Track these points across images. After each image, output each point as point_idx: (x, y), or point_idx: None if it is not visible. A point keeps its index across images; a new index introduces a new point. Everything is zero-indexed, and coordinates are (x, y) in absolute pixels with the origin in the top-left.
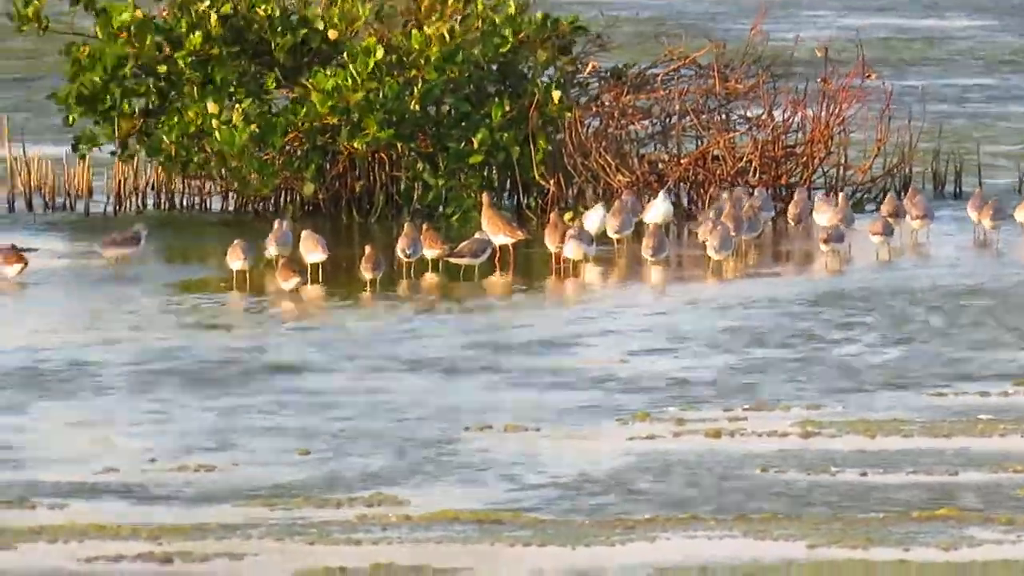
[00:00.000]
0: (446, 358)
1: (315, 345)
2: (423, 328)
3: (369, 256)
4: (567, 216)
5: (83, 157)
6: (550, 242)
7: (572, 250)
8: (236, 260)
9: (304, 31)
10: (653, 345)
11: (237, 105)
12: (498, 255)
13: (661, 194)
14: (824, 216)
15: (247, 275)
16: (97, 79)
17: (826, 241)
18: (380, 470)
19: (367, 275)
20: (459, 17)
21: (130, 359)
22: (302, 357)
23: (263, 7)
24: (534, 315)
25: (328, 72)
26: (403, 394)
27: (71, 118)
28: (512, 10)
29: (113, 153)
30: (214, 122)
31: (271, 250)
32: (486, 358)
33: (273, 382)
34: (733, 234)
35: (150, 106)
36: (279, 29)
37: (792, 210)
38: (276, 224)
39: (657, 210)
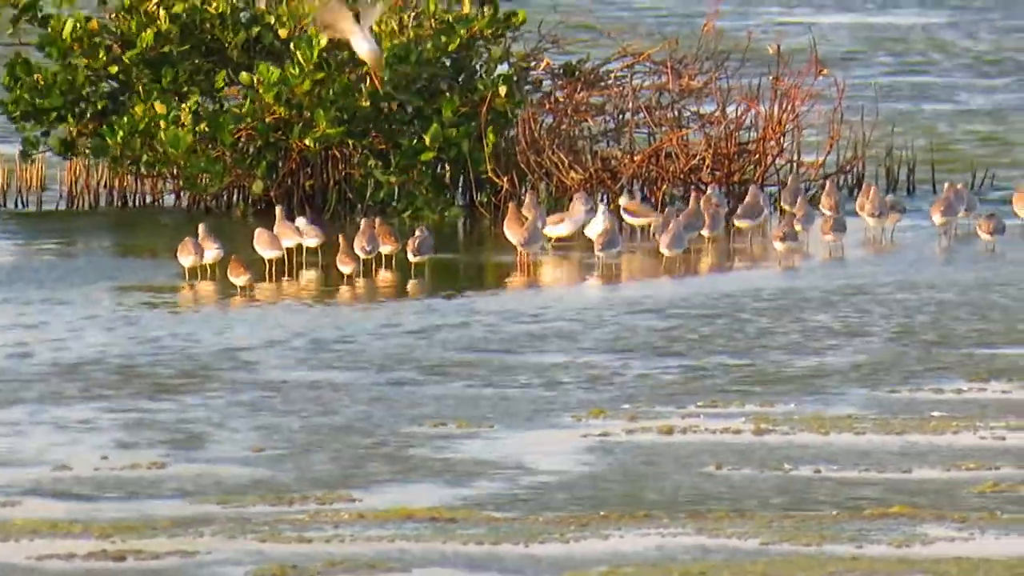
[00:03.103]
0: (401, 355)
1: (268, 342)
2: (378, 325)
3: (345, 249)
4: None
5: (33, 160)
6: (512, 235)
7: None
8: (187, 256)
9: (256, 28)
10: (606, 343)
11: (184, 104)
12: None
13: (599, 212)
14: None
15: (198, 271)
16: (54, 103)
17: (781, 239)
18: (333, 468)
19: (346, 268)
20: (411, 13)
21: (80, 357)
22: (255, 354)
23: (214, 4)
24: (489, 312)
25: (275, 66)
26: (357, 391)
27: (21, 126)
28: (466, 9)
29: (61, 155)
30: (161, 122)
31: (209, 254)
32: (440, 355)
33: (226, 379)
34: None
35: (101, 109)
36: (230, 26)
37: (743, 206)
38: (200, 229)
39: (595, 226)
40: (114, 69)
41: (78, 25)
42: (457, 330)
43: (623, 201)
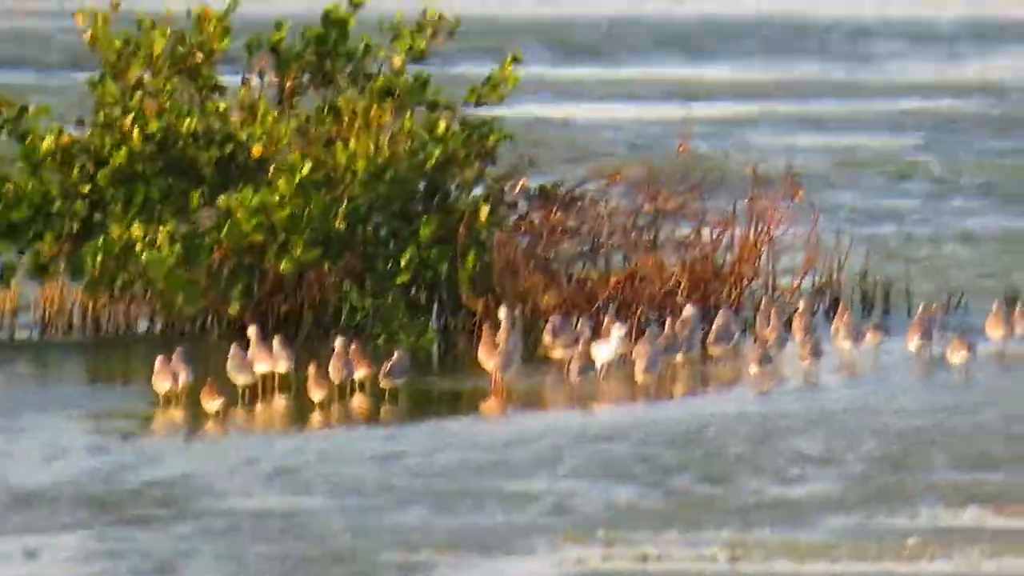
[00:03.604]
0: (375, 482)
1: (240, 469)
2: (351, 452)
3: (316, 376)
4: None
5: (8, 284)
6: (486, 360)
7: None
8: (162, 382)
9: (229, 146)
10: (581, 468)
11: (161, 227)
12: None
13: (614, 333)
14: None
15: (172, 397)
16: (22, 215)
17: (756, 363)
18: None
19: (317, 395)
20: (387, 133)
21: (50, 486)
22: (227, 481)
23: (187, 122)
24: (464, 437)
25: (253, 189)
26: (330, 517)
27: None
28: (441, 129)
29: (35, 278)
30: (138, 245)
31: (160, 386)
32: (415, 482)
33: (198, 507)
34: (661, 354)
35: (74, 230)
36: (204, 145)
37: (714, 330)
38: (172, 355)
39: (608, 349)
40: (86, 188)
41: (52, 139)
42: (431, 456)
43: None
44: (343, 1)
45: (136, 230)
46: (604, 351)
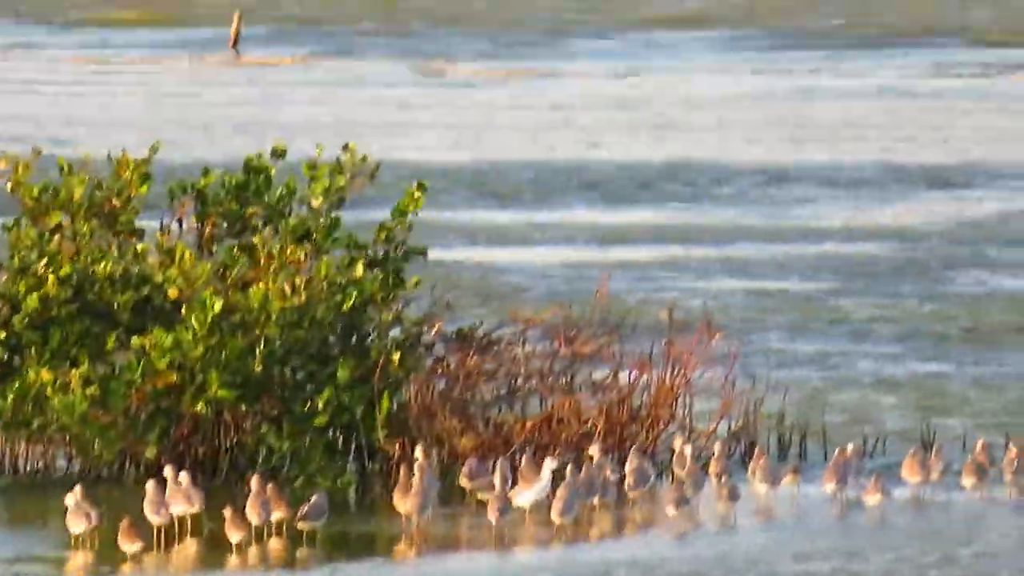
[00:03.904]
0: None
1: None
2: None
3: (232, 518)
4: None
5: None
6: (401, 504)
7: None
8: (77, 523)
9: (146, 289)
10: None
11: (74, 370)
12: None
13: (545, 472)
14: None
15: (88, 539)
16: None
17: (674, 505)
18: None
19: (234, 537)
20: (303, 277)
21: None
22: None
23: (103, 265)
24: None
25: (167, 330)
26: None
27: None
28: (359, 272)
29: None
30: (48, 389)
31: (75, 527)
32: None
33: None
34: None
35: None
36: (120, 287)
37: (630, 473)
38: (76, 495)
39: (534, 493)
40: (1, 334)
41: None
42: None
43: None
44: (266, 151)
45: (45, 375)
46: (534, 492)
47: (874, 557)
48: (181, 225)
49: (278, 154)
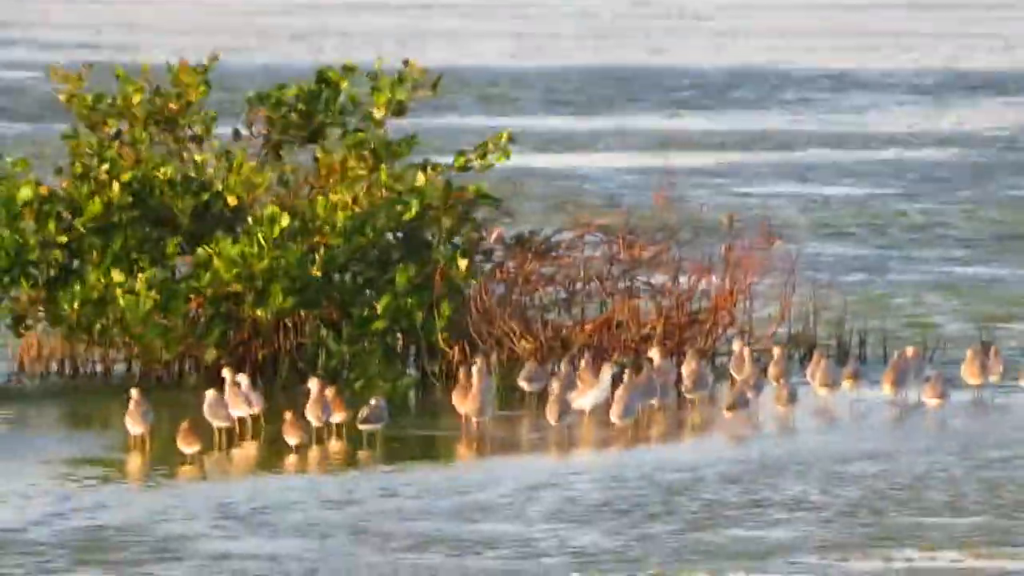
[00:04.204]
0: (351, 524)
1: (217, 511)
2: (329, 493)
3: (292, 421)
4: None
5: None
6: (460, 404)
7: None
8: (135, 424)
9: (206, 196)
10: (557, 512)
11: (140, 274)
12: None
13: (604, 377)
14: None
15: (146, 440)
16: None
17: (731, 408)
18: None
19: (293, 439)
20: (364, 184)
21: (24, 530)
22: (203, 524)
23: (163, 171)
24: (439, 483)
25: (231, 239)
26: (308, 561)
27: None
28: (420, 181)
29: (14, 331)
30: (117, 290)
31: (134, 428)
32: (390, 527)
33: (174, 549)
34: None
35: (51, 277)
36: (180, 193)
37: (689, 376)
38: (133, 397)
39: (594, 396)
40: (64, 238)
41: (30, 190)
42: (407, 500)
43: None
44: (325, 59)
45: (116, 276)
46: (594, 396)
47: (932, 458)
48: (251, 132)
49: (348, 68)
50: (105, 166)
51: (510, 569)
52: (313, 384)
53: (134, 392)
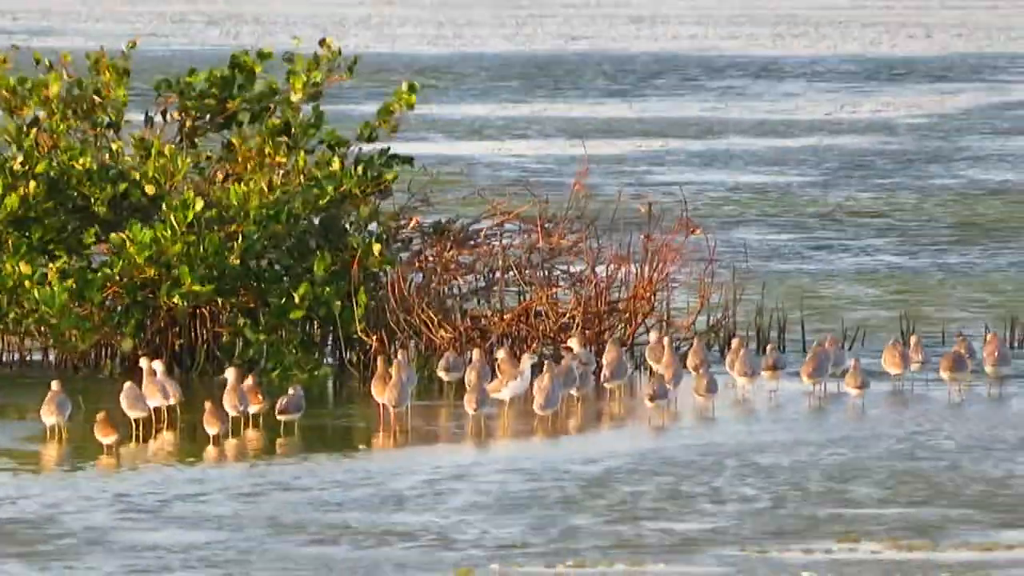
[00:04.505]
0: (268, 514)
1: (136, 500)
2: (247, 484)
3: (211, 410)
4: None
5: None
6: (378, 394)
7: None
8: (50, 415)
9: (123, 185)
10: (476, 502)
11: (52, 264)
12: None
13: (525, 366)
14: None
15: (62, 430)
16: None
17: (651, 398)
18: None
19: (212, 429)
20: (280, 171)
21: None
22: (124, 513)
23: (81, 161)
24: (356, 472)
25: (145, 226)
26: (226, 551)
27: None
28: (336, 167)
29: None
30: (27, 282)
31: (48, 419)
32: (306, 517)
33: (95, 536)
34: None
35: None
36: (97, 183)
37: (607, 365)
38: (52, 388)
39: (514, 387)
40: None
41: None
42: (325, 490)
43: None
44: (243, 44)
45: (25, 267)
46: (514, 386)
47: (853, 449)
48: (165, 119)
49: (263, 56)
50: (20, 157)
51: (428, 560)
52: (230, 374)
53: (54, 384)
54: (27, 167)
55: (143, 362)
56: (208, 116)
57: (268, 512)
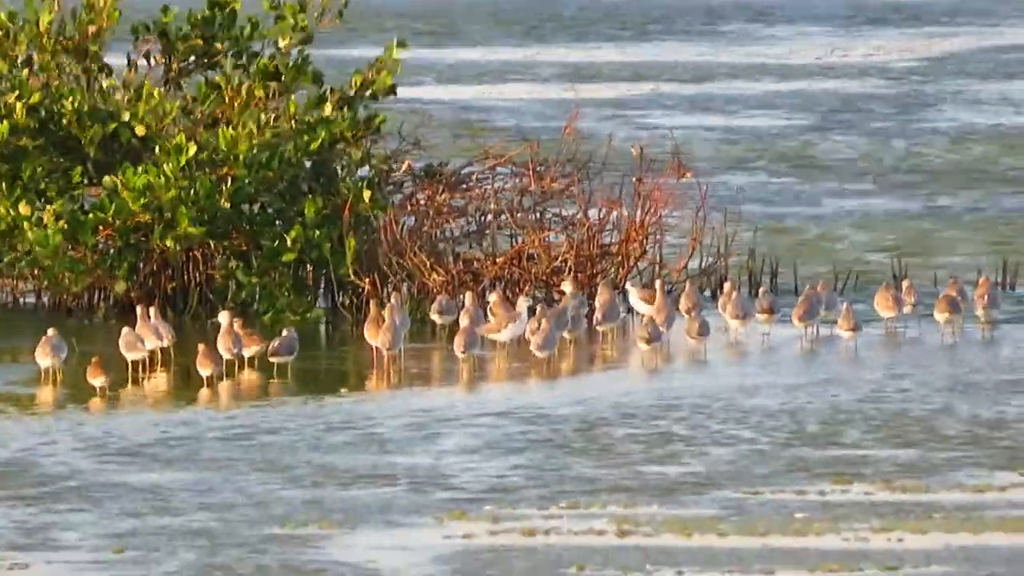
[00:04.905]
0: (261, 455)
1: (129, 442)
2: (241, 425)
3: (205, 352)
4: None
5: None
6: (371, 336)
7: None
8: (44, 357)
9: (113, 125)
10: (469, 443)
11: (48, 206)
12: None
13: (521, 309)
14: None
15: (56, 372)
16: None
17: (647, 341)
18: (197, 569)
19: (205, 371)
20: (272, 115)
21: None
22: (118, 454)
23: (71, 100)
24: (349, 414)
25: (139, 169)
26: (220, 492)
27: None
28: (327, 111)
29: None
30: (25, 223)
31: (44, 362)
32: (300, 458)
33: (88, 479)
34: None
35: None
36: (88, 123)
37: (600, 308)
38: (47, 333)
39: (513, 329)
40: None
41: None
42: (318, 432)
43: (491, 298)
44: None
45: (24, 209)
46: (513, 329)
47: (844, 391)
48: (149, 60)
49: None
50: (14, 93)
51: (419, 502)
52: (223, 316)
53: (50, 330)
54: (21, 99)
55: (138, 308)
56: (193, 58)
57: (259, 454)
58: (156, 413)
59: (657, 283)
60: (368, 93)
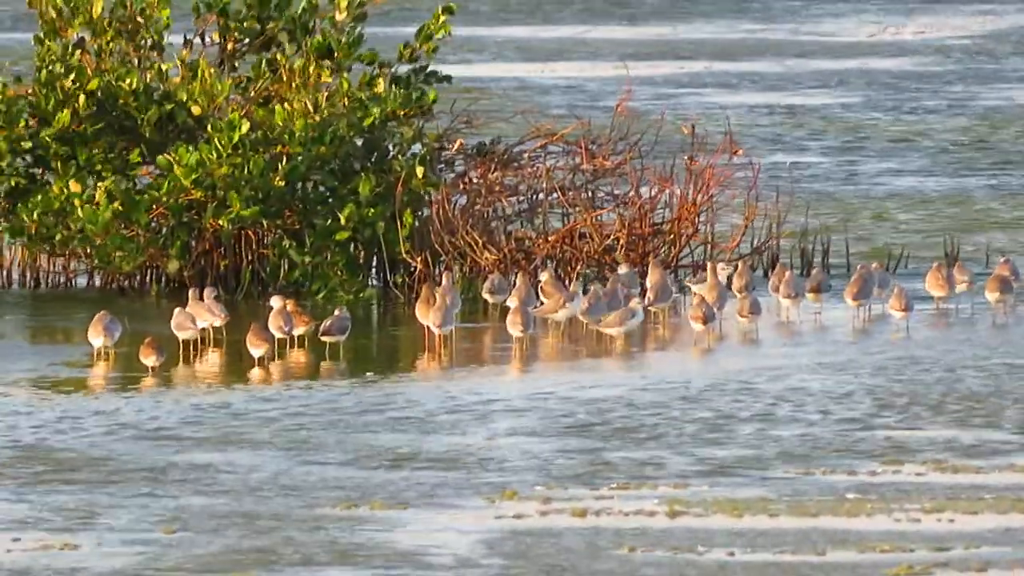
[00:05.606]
0: (314, 436)
1: (180, 422)
2: (292, 406)
3: (256, 331)
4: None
5: None
6: (423, 316)
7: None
8: (97, 337)
9: (169, 106)
10: (520, 424)
11: (100, 183)
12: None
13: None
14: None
15: (109, 352)
16: None
17: (701, 321)
18: (247, 550)
19: (257, 351)
20: (324, 92)
21: None
22: (168, 435)
23: (128, 82)
24: (402, 394)
25: (191, 147)
26: (271, 473)
27: None
28: (380, 88)
29: None
30: (76, 201)
31: (97, 342)
32: (353, 437)
33: (138, 459)
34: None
35: (16, 186)
36: (144, 104)
37: (652, 287)
38: (99, 315)
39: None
40: (28, 145)
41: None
42: (369, 412)
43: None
44: None
45: (75, 186)
46: (570, 308)
47: (896, 371)
48: (204, 41)
49: None
50: (72, 76)
51: (469, 482)
52: (275, 296)
53: (102, 311)
54: (78, 85)
55: (191, 290)
56: (248, 39)
57: (308, 434)
58: (207, 393)
59: (708, 264)
60: (418, 67)
